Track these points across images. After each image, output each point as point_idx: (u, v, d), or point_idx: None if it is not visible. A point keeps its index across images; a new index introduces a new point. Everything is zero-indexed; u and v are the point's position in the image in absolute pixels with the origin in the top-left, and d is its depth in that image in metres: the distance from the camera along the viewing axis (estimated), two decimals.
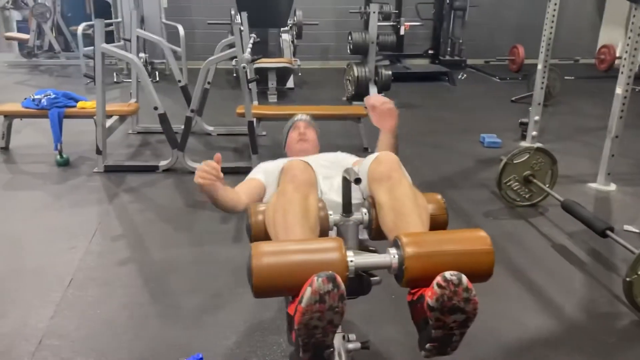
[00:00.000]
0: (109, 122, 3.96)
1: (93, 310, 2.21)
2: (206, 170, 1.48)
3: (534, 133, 4.45)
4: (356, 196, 1.50)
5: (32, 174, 3.81)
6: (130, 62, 3.50)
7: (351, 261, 1.15)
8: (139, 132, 4.75)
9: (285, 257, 1.11)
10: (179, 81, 4.54)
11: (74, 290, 2.34)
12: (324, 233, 1.39)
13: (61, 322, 2.12)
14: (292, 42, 7.16)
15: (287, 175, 1.40)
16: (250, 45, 4.18)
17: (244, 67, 3.23)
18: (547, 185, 3.25)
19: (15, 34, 8.83)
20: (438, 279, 1.07)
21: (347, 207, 1.39)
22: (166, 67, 7.54)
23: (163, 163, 3.79)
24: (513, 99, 6.22)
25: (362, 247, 1.44)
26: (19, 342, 1.99)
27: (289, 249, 1.15)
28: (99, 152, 3.71)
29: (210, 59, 3.51)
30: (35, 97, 4.04)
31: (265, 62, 6.02)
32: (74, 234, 2.87)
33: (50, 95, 4.02)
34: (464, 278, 1.07)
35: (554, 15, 4.10)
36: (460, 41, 8.51)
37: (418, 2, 8.09)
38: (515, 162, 3.24)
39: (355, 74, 5.98)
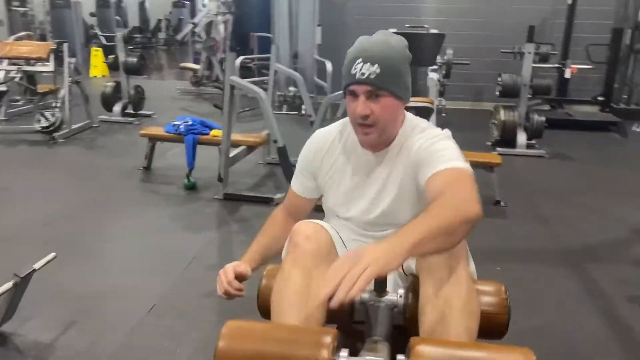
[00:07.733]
0: (235, 152, 4.06)
1: (161, 342, 2.16)
2: (226, 288, 1.45)
3: None
4: None
5: (161, 194, 4.04)
6: (255, 95, 3.54)
7: None
8: (268, 163, 4.81)
9: (256, 346, 0.88)
10: (309, 115, 4.53)
11: (151, 318, 2.33)
12: (343, 312, 1.12)
13: (127, 350, 2.10)
14: (439, 81, 6.86)
15: (291, 242, 1.18)
16: None
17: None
18: None
19: (188, 64, 9.80)
20: None
21: (380, 285, 1.11)
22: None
23: (278, 196, 3.76)
24: None
25: (396, 333, 1.14)
26: None
27: (264, 334, 0.92)
28: (220, 179, 3.80)
29: (329, 95, 3.42)
30: (176, 122, 4.31)
31: None
32: (174, 259, 2.91)
33: (188, 122, 4.27)
34: None
35: None
36: None
37: (589, 44, 7.25)
38: None
39: (502, 118, 5.47)
